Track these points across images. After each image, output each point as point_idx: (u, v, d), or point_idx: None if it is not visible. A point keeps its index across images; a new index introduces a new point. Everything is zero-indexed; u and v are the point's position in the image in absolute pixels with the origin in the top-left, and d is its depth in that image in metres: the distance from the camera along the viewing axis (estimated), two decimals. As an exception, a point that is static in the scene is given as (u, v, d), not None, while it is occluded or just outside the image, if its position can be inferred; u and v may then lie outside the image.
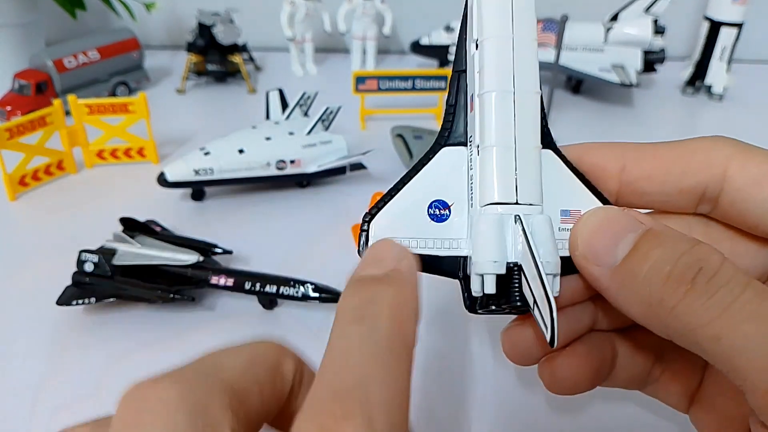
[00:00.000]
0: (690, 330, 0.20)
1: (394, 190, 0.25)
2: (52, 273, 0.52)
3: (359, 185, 0.70)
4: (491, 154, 0.24)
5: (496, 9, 0.24)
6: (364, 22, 1.01)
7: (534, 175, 0.24)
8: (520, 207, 0.23)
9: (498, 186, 0.23)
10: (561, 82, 0.99)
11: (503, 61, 0.24)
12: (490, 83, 0.24)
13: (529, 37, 0.24)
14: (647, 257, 0.21)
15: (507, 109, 0.24)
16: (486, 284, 0.23)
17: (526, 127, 0.24)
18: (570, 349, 0.27)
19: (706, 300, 0.20)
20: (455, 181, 0.25)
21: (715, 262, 0.21)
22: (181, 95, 0.96)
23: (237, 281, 0.50)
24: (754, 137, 0.26)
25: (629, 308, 0.22)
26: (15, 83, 0.85)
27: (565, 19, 0.73)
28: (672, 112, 0.95)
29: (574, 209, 0.25)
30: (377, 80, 0.82)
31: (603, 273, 0.23)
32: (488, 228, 0.23)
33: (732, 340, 0.20)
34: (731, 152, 0.25)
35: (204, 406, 0.17)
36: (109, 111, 0.71)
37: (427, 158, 0.25)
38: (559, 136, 0.26)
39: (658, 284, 0.21)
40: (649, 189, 0.26)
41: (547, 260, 0.22)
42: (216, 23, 0.94)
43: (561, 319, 0.26)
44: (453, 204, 0.25)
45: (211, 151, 0.64)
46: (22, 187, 0.68)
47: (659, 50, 0.94)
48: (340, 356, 0.18)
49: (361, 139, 0.80)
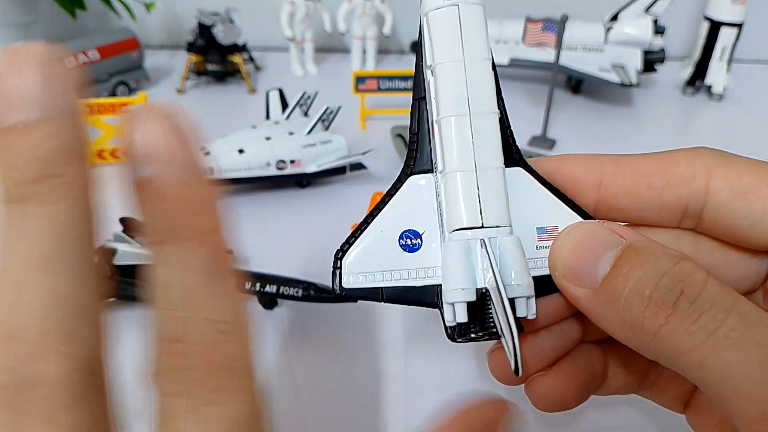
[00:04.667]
0: (674, 356, 0.20)
1: (364, 224, 0.25)
2: (52, 273, 0.52)
3: (359, 185, 0.70)
4: (453, 179, 0.23)
5: (445, 33, 0.24)
6: (363, 22, 1.01)
7: (498, 196, 0.23)
8: (486, 230, 0.23)
9: (462, 211, 0.23)
10: (561, 82, 0.99)
11: (456, 85, 0.24)
12: (445, 109, 0.24)
13: (481, 58, 0.24)
14: (627, 278, 0.21)
15: (464, 133, 0.23)
16: (457, 313, 0.22)
17: (486, 149, 0.23)
18: (557, 368, 0.26)
19: (689, 325, 0.19)
20: (425, 210, 0.25)
21: (698, 283, 0.20)
22: (180, 95, 0.96)
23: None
24: (754, 137, 0.26)
25: (612, 330, 0.22)
26: (15, 83, 0.85)
27: (565, 19, 0.73)
28: (672, 112, 0.95)
29: (550, 225, 0.25)
30: (377, 80, 0.82)
31: (584, 294, 0.22)
32: (455, 255, 0.23)
33: (717, 368, 0.19)
34: (713, 164, 0.24)
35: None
36: (109, 111, 0.71)
37: (395, 189, 0.25)
38: (559, 136, 0.26)
39: (639, 308, 0.20)
40: (627, 205, 0.25)
41: (518, 283, 0.22)
42: (216, 23, 0.94)
43: (547, 337, 0.26)
44: (424, 232, 0.25)
45: (210, 151, 0.64)
46: (22, 187, 0.68)
47: (659, 50, 0.93)
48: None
49: (361, 139, 0.80)
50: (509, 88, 0.98)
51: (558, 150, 0.79)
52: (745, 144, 0.84)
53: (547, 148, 0.79)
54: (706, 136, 0.90)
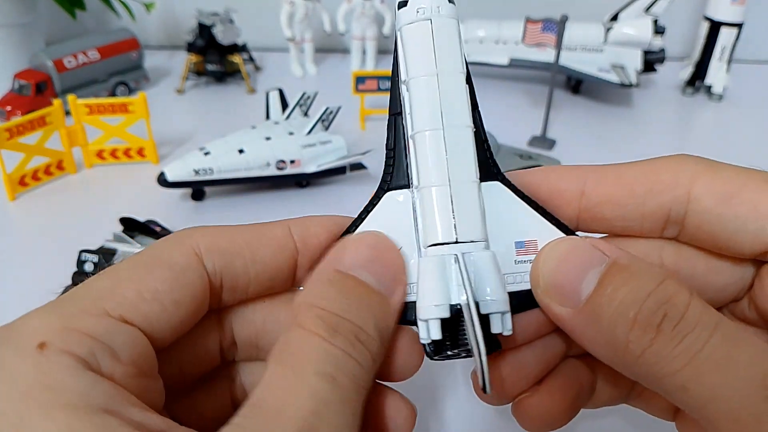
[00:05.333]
0: (657, 379, 0.20)
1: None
2: (52, 273, 0.52)
3: (359, 185, 0.70)
4: (427, 194, 0.23)
5: (418, 47, 0.24)
6: (363, 22, 1.01)
7: (473, 211, 0.23)
8: (461, 246, 0.22)
9: (436, 226, 0.23)
10: (561, 83, 0.99)
11: (430, 99, 0.23)
12: (418, 123, 0.23)
13: (455, 71, 0.24)
14: (612, 299, 0.21)
15: (438, 147, 0.23)
16: (431, 330, 0.22)
17: (460, 163, 0.23)
18: (544, 386, 0.26)
19: (672, 348, 0.19)
20: (402, 225, 0.24)
21: (681, 303, 0.20)
22: (180, 95, 0.96)
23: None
24: (754, 137, 0.26)
25: (594, 350, 0.22)
26: (15, 83, 0.85)
27: (564, 19, 0.73)
28: (671, 112, 0.95)
29: (529, 239, 0.24)
30: (377, 80, 0.82)
31: (567, 312, 0.22)
32: (429, 271, 0.22)
33: (699, 391, 0.19)
34: (696, 171, 0.24)
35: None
36: (109, 111, 0.71)
37: (372, 204, 0.25)
38: (559, 137, 0.25)
39: (623, 330, 0.20)
40: (610, 214, 0.25)
41: (493, 298, 0.22)
42: (215, 23, 0.94)
43: (530, 353, 0.26)
44: (401, 249, 0.24)
45: (210, 151, 0.64)
46: (22, 187, 0.68)
47: (659, 50, 0.94)
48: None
49: (361, 139, 0.80)
50: (509, 88, 0.99)
51: (558, 150, 0.79)
52: (745, 144, 0.84)
53: (547, 148, 0.79)
54: (706, 136, 0.90)
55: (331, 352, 0.20)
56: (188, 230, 0.24)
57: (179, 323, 0.22)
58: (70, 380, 0.17)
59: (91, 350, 0.19)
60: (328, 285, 0.22)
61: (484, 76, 1.01)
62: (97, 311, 0.20)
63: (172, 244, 0.23)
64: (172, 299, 0.21)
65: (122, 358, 0.19)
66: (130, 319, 0.20)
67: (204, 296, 0.23)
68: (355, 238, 0.24)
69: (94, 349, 0.19)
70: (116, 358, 0.19)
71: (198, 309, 0.23)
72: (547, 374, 0.26)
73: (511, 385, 0.26)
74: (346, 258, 0.23)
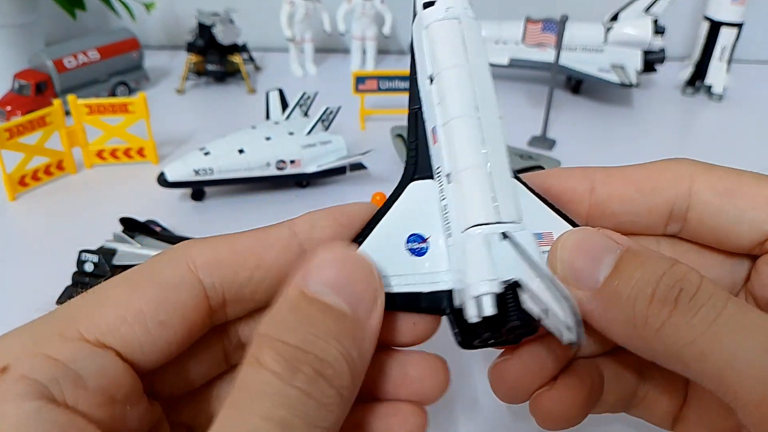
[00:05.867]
0: (675, 350, 0.20)
1: (367, 229, 0.24)
2: (52, 273, 0.52)
3: (359, 185, 0.70)
4: (467, 176, 0.23)
5: (448, 42, 0.25)
6: (363, 22, 1.01)
7: (511, 194, 0.24)
8: (504, 225, 0.23)
9: (479, 207, 0.23)
10: (561, 82, 0.99)
11: (464, 88, 0.24)
12: (454, 110, 0.24)
13: (484, 66, 0.25)
14: (629, 278, 0.21)
15: (475, 133, 0.24)
16: (484, 306, 0.21)
17: (496, 149, 0.24)
18: (560, 382, 0.27)
19: (690, 318, 0.20)
20: (428, 214, 0.25)
21: (694, 280, 0.21)
22: (180, 95, 0.96)
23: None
24: (754, 137, 0.26)
25: (613, 330, 0.22)
26: (15, 83, 0.85)
27: (565, 19, 0.73)
28: (672, 112, 0.95)
29: (546, 231, 0.25)
30: (377, 80, 0.82)
31: (585, 295, 0.22)
32: (476, 248, 0.22)
33: (718, 355, 0.19)
34: (695, 171, 0.25)
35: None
36: (109, 111, 0.71)
37: (396, 194, 0.25)
38: (559, 136, 0.26)
39: (642, 306, 0.21)
40: (619, 209, 0.26)
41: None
42: (215, 23, 0.94)
43: (542, 350, 0.26)
44: (429, 237, 0.24)
45: (210, 151, 0.64)
46: (22, 187, 0.68)
47: (659, 50, 0.94)
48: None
49: (361, 139, 0.80)
50: (509, 88, 0.99)
51: (558, 150, 0.79)
52: (745, 144, 0.84)
53: (547, 148, 0.79)
54: (706, 136, 0.90)
55: (286, 393, 0.18)
56: (186, 243, 0.23)
57: (166, 345, 0.21)
58: (11, 409, 0.17)
59: (54, 377, 0.18)
60: (290, 312, 0.20)
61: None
62: (72, 334, 0.20)
63: (165, 260, 0.22)
64: (158, 321, 0.21)
65: (89, 386, 0.19)
66: (107, 342, 0.20)
67: (198, 314, 0.22)
68: (322, 254, 0.21)
69: (58, 375, 0.19)
70: (81, 386, 0.19)
71: (191, 327, 0.22)
72: (561, 372, 0.27)
73: (526, 379, 0.26)
74: (312, 278, 0.21)
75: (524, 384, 0.26)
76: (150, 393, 0.22)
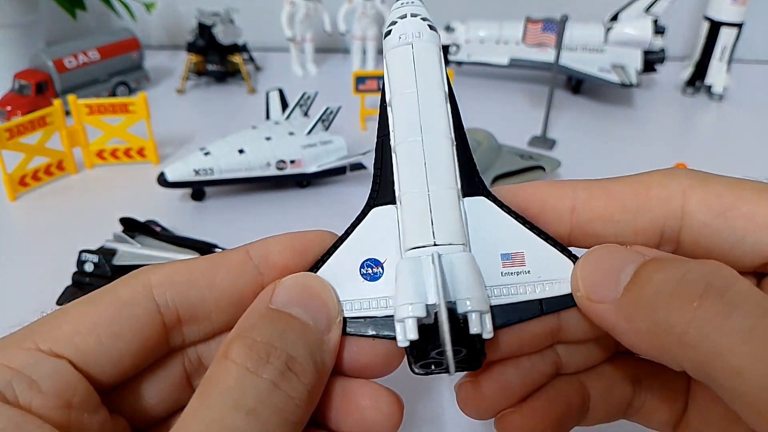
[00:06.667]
0: (705, 360, 0.17)
1: (326, 255, 0.25)
2: (52, 273, 0.52)
3: (359, 185, 0.70)
4: (406, 200, 0.24)
5: (400, 68, 0.25)
6: (363, 22, 1.01)
7: (452, 215, 0.23)
8: (439, 248, 0.23)
9: (416, 229, 0.23)
10: (561, 83, 0.99)
11: (409, 112, 0.24)
12: (399, 135, 0.24)
13: (435, 89, 0.25)
14: (649, 281, 0.20)
15: (417, 156, 0.24)
16: (408, 329, 0.21)
17: (439, 170, 0.24)
18: (527, 404, 0.25)
19: (721, 321, 0.17)
20: (387, 239, 0.25)
21: (727, 276, 0.18)
22: (181, 95, 0.96)
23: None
24: (754, 137, 0.26)
25: (637, 342, 0.20)
26: (15, 83, 0.85)
27: (565, 19, 0.73)
28: (672, 112, 0.95)
29: (515, 251, 0.24)
30: (377, 80, 0.82)
31: (607, 309, 0.21)
32: (405, 271, 0.22)
33: (760, 378, 0.16)
34: (688, 185, 0.23)
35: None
36: (109, 111, 0.71)
37: (358, 220, 0.25)
38: (560, 137, 0.26)
39: (663, 305, 0.19)
40: (602, 230, 0.24)
41: (468, 296, 0.21)
42: (216, 23, 0.94)
43: (512, 371, 0.25)
44: (386, 261, 0.24)
45: (211, 151, 0.64)
46: (22, 187, 0.68)
47: (659, 50, 0.94)
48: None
49: (361, 139, 0.80)
50: (509, 88, 0.99)
51: (558, 150, 0.79)
52: (745, 144, 0.84)
53: (547, 148, 0.79)
54: (706, 136, 0.90)
55: (255, 384, 0.19)
56: (145, 268, 0.24)
57: (119, 356, 0.22)
58: None
59: (7, 380, 0.20)
60: (260, 318, 0.21)
61: (485, 76, 1.00)
62: (28, 345, 0.21)
63: (123, 281, 0.23)
64: (111, 332, 0.22)
65: (43, 389, 0.20)
66: (61, 352, 0.21)
67: (152, 329, 0.23)
68: (285, 280, 0.23)
69: (12, 379, 0.20)
70: (35, 389, 0.20)
71: (145, 342, 0.22)
72: (533, 392, 0.26)
73: (492, 400, 0.25)
74: (278, 296, 0.22)
75: (488, 403, 0.25)
76: (114, 411, 0.23)
